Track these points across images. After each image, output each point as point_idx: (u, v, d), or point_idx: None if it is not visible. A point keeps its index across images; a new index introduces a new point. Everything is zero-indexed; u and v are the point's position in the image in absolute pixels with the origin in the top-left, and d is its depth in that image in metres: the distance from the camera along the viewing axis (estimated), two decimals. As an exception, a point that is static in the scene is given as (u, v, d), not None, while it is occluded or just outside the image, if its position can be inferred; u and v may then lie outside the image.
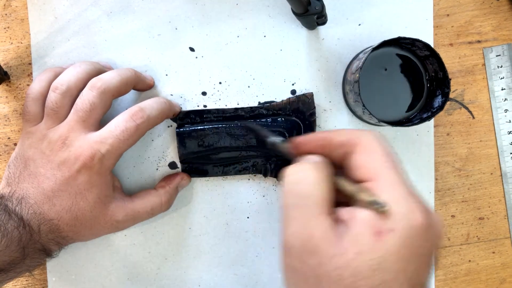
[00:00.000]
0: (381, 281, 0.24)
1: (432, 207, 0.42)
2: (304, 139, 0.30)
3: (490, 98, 0.42)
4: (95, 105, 0.35)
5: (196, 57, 0.42)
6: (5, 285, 0.42)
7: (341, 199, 0.28)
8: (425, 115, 0.37)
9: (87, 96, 0.35)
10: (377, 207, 0.25)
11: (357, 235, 0.25)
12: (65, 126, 0.35)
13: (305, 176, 0.27)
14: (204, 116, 0.41)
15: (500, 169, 0.43)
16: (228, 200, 0.42)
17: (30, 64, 0.42)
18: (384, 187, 0.26)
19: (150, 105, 0.37)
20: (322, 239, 0.25)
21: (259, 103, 0.42)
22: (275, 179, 0.42)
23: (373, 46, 0.36)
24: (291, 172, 0.28)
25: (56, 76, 0.38)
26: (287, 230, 0.27)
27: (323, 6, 0.36)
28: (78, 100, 0.36)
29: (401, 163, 0.28)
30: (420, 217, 0.25)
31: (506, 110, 0.42)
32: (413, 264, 0.24)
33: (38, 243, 0.34)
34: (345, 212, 0.26)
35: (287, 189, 0.27)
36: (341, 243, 0.25)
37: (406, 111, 0.39)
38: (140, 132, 0.36)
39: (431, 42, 0.42)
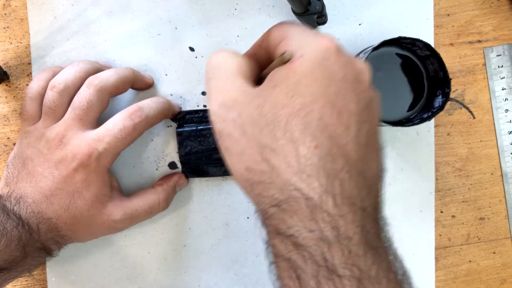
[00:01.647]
0: (300, 105, 0.24)
1: (433, 207, 0.42)
2: (250, 53, 0.30)
3: (490, 98, 0.42)
4: (92, 103, 0.35)
5: (196, 57, 0.42)
6: (4, 286, 0.42)
7: None
8: (425, 115, 0.37)
9: (84, 94, 0.35)
10: (281, 58, 0.25)
11: (273, 73, 0.25)
12: (62, 125, 0.35)
13: (217, 53, 0.28)
14: (204, 116, 0.41)
15: (501, 169, 0.43)
16: (228, 200, 0.42)
17: (29, 64, 0.42)
18: (292, 36, 0.26)
19: (148, 104, 0.37)
20: (237, 92, 0.25)
21: (259, 103, 0.42)
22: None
23: (373, 46, 0.36)
24: (210, 58, 0.28)
25: (54, 75, 0.37)
26: (209, 101, 0.27)
27: (323, 6, 0.36)
28: (75, 98, 0.36)
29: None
30: (327, 41, 0.25)
31: (506, 110, 0.42)
32: (333, 87, 0.24)
33: (38, 242, 0.34)
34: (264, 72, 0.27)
35: (206, 71, 0.28)
36: (259, 89, 0.25)
37: (407, 111, 0.39)
38: (138, 131, 0.36)
39: (431, 42, 0.42)
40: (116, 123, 0.35)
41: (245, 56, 0.29)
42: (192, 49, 0.42)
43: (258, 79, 0.28)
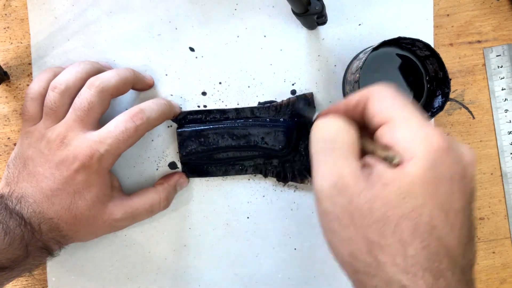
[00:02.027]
0: (412, 208, 0.24)
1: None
2: (327, 109, 0.31)
3: (490, 98, 0.42)
4: (93, 104, 0.35)
5: (196, 57, 0.42)
6: (5, 285, 0.42)
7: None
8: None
9: (85, 95, 0.35)
10: (389, 159, 0.25)
11: (381, 170, 0.25)
12: (64, 125, 0.35)
13: (332, 122, 0.28)
14: (204, 116, 0.41)
15: (500, 169, 0.43)
16: (228, 200, 0.42)
17: (30, 64, 0.42)
18: (398, 125, 0.26)
19: (150, 106, 0.37)
20: (350, 177, 0.26)
21: (259, 103, 0.42)
22: (275, 179, 0.42)
23: (373, 46, 0.36)
24: (318, 123, 0.28)
25: (55, 76, 0.38)
26: (317, 174, 0.27)
27: (323, 6, 0.36)
28: (76, 99, 0.36)
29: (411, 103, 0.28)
30: (438, 140, 0.25)
31: (506, 110, 0.42)
32: (443, 188, 0.25)
33: (39, 242, 0.35)
34: (370, 158, 0.27)
35: (315, 137, 0.28)
36: (368, 179, 0.25)
37: (406, 111, 0.39)
38: (140, 133, 0.36)
39: (431, 42, 0.42)
40: (118, 125, 0.35)
41: (354, 126, 0.28)
42: (192, 49, 0.42)
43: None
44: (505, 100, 0.42)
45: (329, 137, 0.27)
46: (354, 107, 0.29)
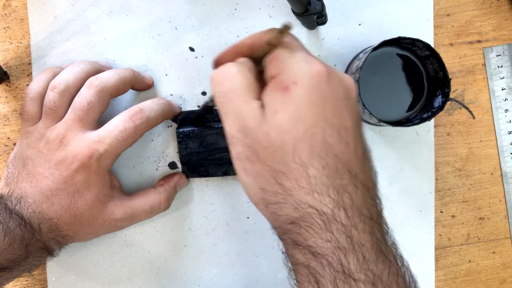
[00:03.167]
0: (304, 129, 0.26)
1: (432, 207, 0.42)
2: (220, 54, 0.31)
3: (490, 98, 0.42)
4: (93, 104, 0.35)
5: (196, 57, 0.42)
6: (4, 286, 0.42)
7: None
8: (425, 115, 0.37)
9: (85, 95, 0.35)
10: (279, 30, 0.27)
11: (270, 99, 0.27)
12: (63, 125, 0.35)
13: (228, 72, 0.29)
14: (204, 116, 0.41)
15: (501, 169, 0.43)
16: (228, 200, 0.42)
17: (29, 64, 0.42)
18: (283, 56, 0.28)
19: (149, 106, 0.37)
20: (250, 118, 0.27)
21: (259, 103, 0.42)
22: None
23: (373, 46, 0.36)
24: (215, 74, 0.29)
25: (55, 76, 0.38)
26: (226, 124, 0.28)
27: (323, 6, 0.36)
28: (76, 99, 0.36)
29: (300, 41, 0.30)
30: (319, 66, 0.27)
31: (506, 110, 0.42)
32: (329, 107, 0.26)
33: (40, 242, 0.35)
34: (265, 94, 0.28)
35: (215, 90, 0.29)
36: (263, 114, 0.27)
37: (406, 111, 0.39)
38: (139, 133, 0.36)
39: (431, 42, 0.42)
40: (117, 125, 0.35)
41: (249, 64, 0.29)
42: (192, 49, 0.42)
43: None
44: (505, 100, 0.42)
45: (227, 87, 0.28)
46: (247, 51, 0.30)
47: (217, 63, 0.31)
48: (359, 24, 0.41)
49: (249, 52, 0.30)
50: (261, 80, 0.29)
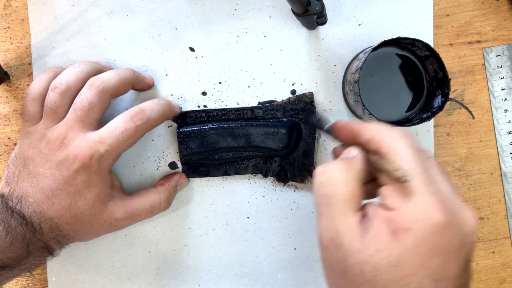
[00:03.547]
0: (400, 276, 0.25)
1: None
2: (340, 126, 0.31)
3: (490, 98, 0.42)
4: (94, 104, 0.35)
5: (196, 57, 0.42)
6: (5, 285, 0.42)
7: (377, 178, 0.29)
8: (425, 115, 0.37)
9: (86, 95, 0.35)
10: (398, 176, 0.26)
11: (376, 233, 0.26)
12: (64, 126, 0.36)
13: (332, 176, 0.28)
14: (204, 116, 0.41)
15: (500, 169, 0.43)
16: (228, 200, 0.42)
17: (30, 64, 0.42)
18: (404, 193, 0.27)
19: (150, 106, 0.37)
20: (346, 236, 0.26)
21: (259, 103, 0.42)
22: (274, 178, 0.42)
23: (373, 46, 0.36)
24: (319, 172, 0.29)
25: (55, 76, 0.38)
26: (319, 225, 0.28)
27: (323, 6, 0.36)
28: (76, 99, 0.36)
29: (433, 158, 0.28)
30: (438, 215, 0.25)
31: (506, 110, 0.42)
32: (435, 260, 0.25)
33: (40, 241, 0.35)
34: (370, 209, 0.27)
35: (316, 189, 0.29)
36: (363, 240, 0.26)
37: (406, 111, 0.39)
38: (140, 133, 0.36)
39: (431, 42, 0.42)
40: (118, 125, 0.35)
41: (359, 167, 0.29)
42: (192, 49, 0.42)
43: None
44: (504, 100, 0.42)
45: (328, 194, 0.28)
46: (364, 143, 0.29)
47: (335, 130, 0.31)
48: (359, 24, 0.41)
49: (363, 144, 0.29)
50: (368, 183, 0.29)
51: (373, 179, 0.30)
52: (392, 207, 0.26)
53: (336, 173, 0.28)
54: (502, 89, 0.42)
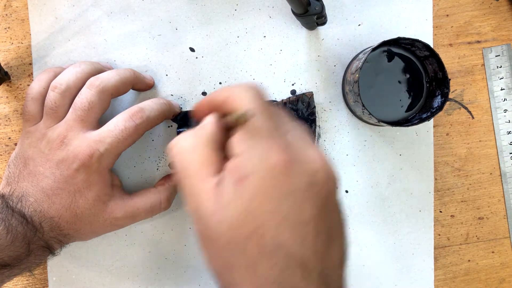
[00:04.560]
0: (253, 228, 0.24)
1: (432, 207, 0.42)
2: (196, 106, 0.31)
3: (489, 98, 0.43)
4: (94, 104, 0.35)
5: (196, 57, 0.42)
6: (5, 285, 0.42)
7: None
8: (424, 115, 0.37)
9: (86, 95, 0.35)
10: (238, 116, 0.26)
11: (225, 187, 0.25)
12: (64, 125, 0.36)
13: (181, 146, 0.28)
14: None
15: (500, 169, 0.43)
16: (228, 200, 0.42)
17: (30, 64, 0.42)
18: (245, 137, 0.26)
19: (150, 105, 0.37)
20: (204, 201, 0.25)
21: (259, 103, 0.42)
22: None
23: (373, 46, 0.36)
24: (171, 146, 0.28)
25: (55, 76, 0.38)
26: (185, 199, 0.27)
27: (323, 6, 0.36)
28: (76, 99, 0.36)
29: (281, 107, 0.28)
30: (276, 155, 0.25)
31: (505, 110, 0.42)
32: (286, 202, 0.24)
33: (41, 240, 0.35)
34: (225, 166, 0.26)
35: (173, 164, 0.28)
36: (217, 198, 0.25)
37: (406, 111, 0.39)
38: (139, 132, 0.36)
39: (430, 43, 0.42)
40: (118, 124, 0.35)
41: (210, 130, 0.28)
42: (192, 49, 0.42)
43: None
44: (504, 100, 0.42)
45: (182, 164, 0.27)
46: (220, 107, 0.29)
47: (195, 114, 0.31)
48: (359, 25, 0.42)
49: (222, 109, 0.28)
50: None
51: None
52: (235, 153, 0.26)
53: (184, 142, 0.27)
54: (501, 89, 0.42)
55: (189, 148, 0.27)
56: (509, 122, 0.43)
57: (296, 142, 0.27)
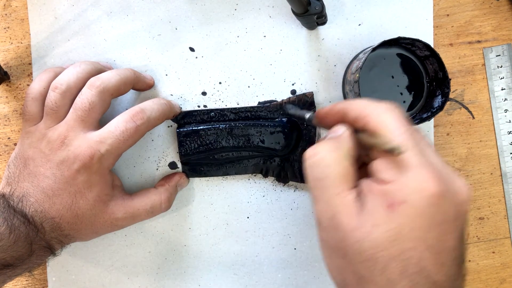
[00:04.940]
0: (400, 251, 0.25)
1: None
2: (324, 112, 0.31)
3: (490, 98, 0.43)
4: (94, 104, 0.35)
5: (196, 57, 0.42)
6: (5, 285, 0.42)
7: (366, 157, 0.29)
8: (425, 115, 0.37)
9: (86, 95, 0.35)
10: (391, 148, 0.26)
11: (372, 208, 0.26)
12: (64, 126, 0.36)
13: (322, 158, 0.28)
14: (204, 116, 0.41)
15: (500, 169, 0.43)
16: (228, 200, 0.42)
17: (30, 64, 0.42)
18: (396, 180, 0.26)
19: (150, 106, 0.37)
20: (343, 215, 0.26)
21: (259, 103, 0.42)
22: (274, 178, 0.42)
23: (373, 46, 0.36)
24: (309, 155, 0.28)
25: (56, 76, 0.38)
26: (315, 208, 0.28)
27: (323, 6, 0.36)
28: (77, 99, 0.36)
29: (420, 130, 0.28)
30: (433, 186, 0.25)
31: (506, 110, 0.42)
32: (433, 231, 0.25)
33: (43, 240, 0.35)
34: (365, 185, 0.27)
35: (307, 173, 0.28)
36: (360, 217, 0.26)
37: (406, 111, 0.39)
38: (140, 133, 0.36)
39: (431, 42, 0.42)
40: (118, 125, 0.35)
41: (348, 145, 0.28)
42: (192, 49, 0.42)
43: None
44: (504, 100, 0.42)
45: (320, 176, 0.28)
46: (351, 121, 0.29)
47: (320, 118, 0.31)
48: (359, 25, 0.41)
49: (354, 123, 0.29)
50: (360, 159, 0.29)
51: (363, 163, 0.30)
52: (386, 180, 0.26)
53: (325, 153, 0.28)
54: (502, 89, 0.42)
55: (330, 160, 0.28)
56: (510, 122, 0.42)
57: (442, 169, 0.27)
